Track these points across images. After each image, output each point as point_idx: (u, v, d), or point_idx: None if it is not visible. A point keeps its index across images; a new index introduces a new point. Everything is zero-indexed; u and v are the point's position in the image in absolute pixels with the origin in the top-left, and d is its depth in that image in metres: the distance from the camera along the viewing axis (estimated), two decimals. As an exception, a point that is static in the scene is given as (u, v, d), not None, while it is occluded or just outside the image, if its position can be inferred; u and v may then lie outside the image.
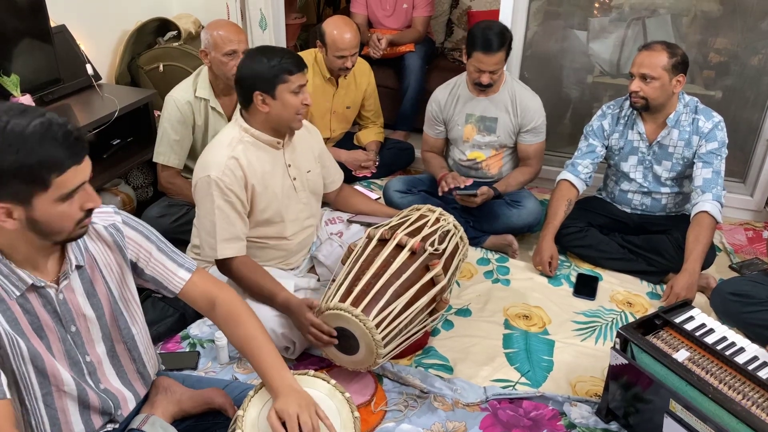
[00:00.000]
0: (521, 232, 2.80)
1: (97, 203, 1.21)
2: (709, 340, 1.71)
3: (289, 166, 2.10)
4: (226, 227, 1.96)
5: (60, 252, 1.27)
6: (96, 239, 1.33)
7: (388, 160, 3.33)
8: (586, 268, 2.64)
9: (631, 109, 2.53)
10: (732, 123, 3.02)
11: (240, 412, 1.38)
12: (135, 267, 1.40)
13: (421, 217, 2.16)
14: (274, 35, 3.33)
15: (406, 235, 2.02)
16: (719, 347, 1.68)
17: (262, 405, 1.41)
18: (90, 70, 2.84)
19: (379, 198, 2.93)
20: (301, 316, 1.89)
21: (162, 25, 3.28)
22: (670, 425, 1.64)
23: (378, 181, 3.27)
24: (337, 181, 2.40)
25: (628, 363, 1.72)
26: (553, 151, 3.26)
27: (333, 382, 1.50)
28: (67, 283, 1.27)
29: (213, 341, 2.15)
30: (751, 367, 1.61)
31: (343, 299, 1.85)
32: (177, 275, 1.43)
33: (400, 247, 1.99)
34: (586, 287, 2.51)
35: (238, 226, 1.99)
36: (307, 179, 2.18)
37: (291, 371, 1.44)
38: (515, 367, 2.11)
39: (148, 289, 1.48)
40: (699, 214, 2.38)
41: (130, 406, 1.42)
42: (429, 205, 2.26)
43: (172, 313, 2.22)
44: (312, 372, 1.52)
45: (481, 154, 2.83)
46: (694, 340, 1.71)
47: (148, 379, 1.47)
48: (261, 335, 1.44)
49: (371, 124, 3.35)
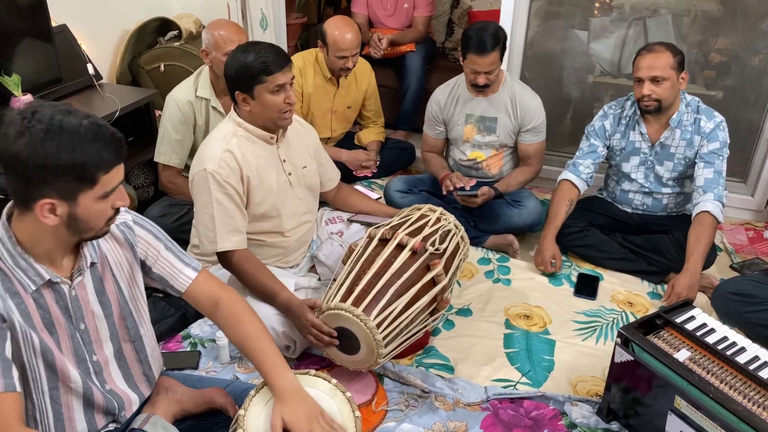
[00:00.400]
0: (522, 232, 2.80)
1: (126, 202, 1.26)
2: (710, 339, 1.71)
3: (284, 161, 2.10)
4: (225, 219, 1.96)
5: (75, 248, 1.29)
6: (108, 238, 1.35)
7: (388, 160, 3.33)
8: (587, 268, 2.64)
9: (633, 109, 2.53)
10: (733, 123, 3.01)
11: (241, 412, 1.38)
12: (143, 265, 1.42)
13: (422, 216, 2.17)
14: (274, 35, 3.33)
15: (407, 234, 2.02)
16: (720, 347, 1.68)
17: (264, 404, 1.41)
18: (91, 70, 2.84)
19: (379, 198, 2.92)
20: (301, 316, 1.89)
21: (163, 25, 3.28)
22: (673, 422, 1.64)
23: (379, 181, 3.27)
24: (334, 179, 2.40)
25: (634, 359, 1.72)
26: (554, 151, 3.26)
27: (334, 381, 1.50)
28: (81, 279, 1.29)
29: (214, 341, 2.15)
30: (752, 367, 1.61)
31: (344, 299, 1.85)
32: (183, 274, 1.45)
33: (401, 246, 1.99)
34: (586, 287, 2.51)
35: (237, 219, 1.99)
36: (303, 175, 2.18)
37: (292, 371, 1.45)
38: (516, 367, 2.12)
39: (150, 288, 1.48)
40: (700, 214, 2.38)
41: (134, 408, 1.43)
42: (430, 205, 2.26)
43: (173, 312, 2.22)
44: (313, 371, 1.52)
45: (482, 154, 2.83)
46: (695, 339, 1.71)
47: (153, 380, 1.48)
48: (263, 335, 1.45)
49: (372, 123, 3.35)
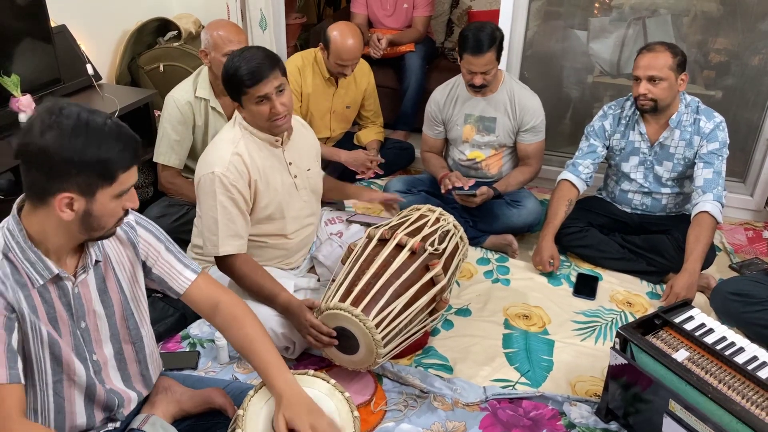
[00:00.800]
0: (521, 232, 2.80)
1: (136, 204, 1.28)
2: (709, 340, 1.71)
3: (290, 164, 2.10)
4: (228, 224, 1.97)
5: (79, 248, 1.30)
6: (111, 237, 1.35)
7: (388, 160, 3.31)
8: (586, 268, 2.64)
9: (633, 109, 2.53)
10: (732, 123, 3.01)
11: (240, 412, 1.38)
12: (144, 266, 1.43)
13: (421, 217, 2.17)
14: (274, 35, 3.33)
15: (406, 235, 2.02)
16: (719, 347, 1.68)
17: (263, 404, 1.42)
18: (90, 70, 2.84)
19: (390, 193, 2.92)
20: (300, 317, 1.90)
21: (162, 25, 3.28)
22: (669, 425, 1.64)
23: (378, 181, 3.27)
24: None
25: (628, 363, 1.73)
26: (553, 151, 3.26)
27: (332, 381, 1.50)
28: (84, 277, 1.30)
29: (213, 341, 2.15)
30: (750, 367, 1.61)
31: (342, 299, 1.85)
32: (183, 276, 1.46)
33: (400, 246, 1.99)
34: (586, 287, 2.51)
35: (239, 224, 1.99)
36: (308, 177, 2.18)
37: (291, 371, 1.45)
38: (515, 367, 2.12)
39: (149, 288, 1.49)
40: (699, 214, 2.38)
41: (132, 405, 1.44)
42: (429, 205, 2.27)
43: (172, 312, 2.22)
44: (312, 372, 1.52)
45: (481, 153, 2.83)
46: (694, 340, 1.71)
47: (150, 381, 1.48)
48: (262, 337, 1.46)
49: (371, 123, 3.35)
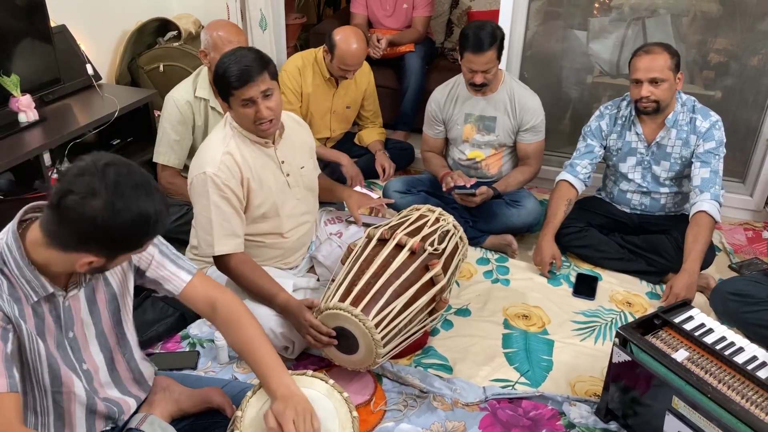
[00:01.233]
0: (521, 232, 2.80)
1: (143, 251, 1.33)
2: (709, 340, 1.71)
3: (282, 162, 2.10)
4: (222, 223, 1.96)
5: None
6: None
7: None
8: (586, 268, 2.64)
9: (629, 109, 2.53)
10: (732, 123, 3.01)
11: (238, 413, 1.38)
12: (137, 270, 1.42)
13: (420, 217, 2.17)
14: (274, 35, 3.33)
15: (405, 234, 2.02)
16: (718, 347, 1.68)
17: (261, 405, 1.42)
18: (90, 70, 2.85)
19: (379, 197, 2.93)
20: (300, 317, 1.89)
21: (162, 25, 3.28)
22: (671, 423, 1.64)
23: (378, 182, 3.27)
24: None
25: (632, 360, 1.72)
26: (553, 151, 3.26)
27: (331, 381, 1.50)
28: (76, 292, 1.29)
29: (213, 341, 2.15)
30: (750, 367, 1.61)
31: (342, 299, 1.85)
32: (177, 277, 1.45)
33: (399, 246, 1.99)
34: (585, 287, 2.51)
35: (234, 223, 1.99)
36: (301, 175, 2.17)
37: (290, 371, 1.45)
38: (514, 367, 2.12)
39: (149, 288, 1.49)
40: (697, 213, 2.38)
41: (133, 409, 1.44)
42: (429, 205, 2.26)
43: (171, 312, 2.22)
44: (310, 372, 1.52)
45: (481, 153, 2.83)
46: (694, 340, 1.71)
47: (146, 384, 1.48)
48: (261, 338, 1.45)
49: (370, 124, 3.35)
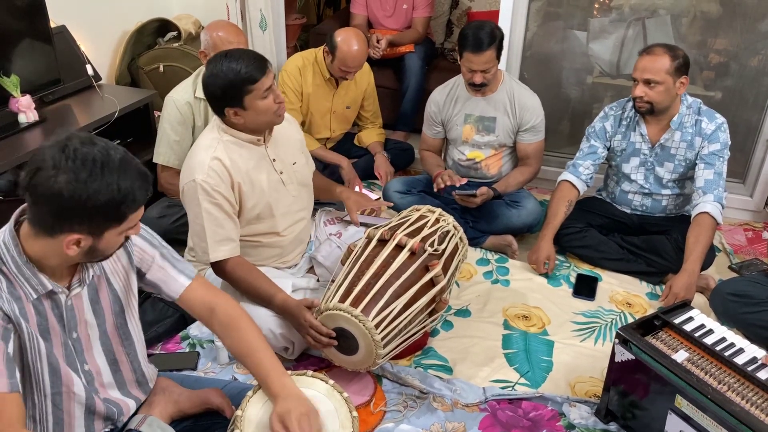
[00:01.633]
0: (521, 233, 2.80)
1: (138, 231, 1.29)
2: (709, 340, 1.71)
3: (274, 160, 2.08)
4: (215, 230, 1.95)
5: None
6: None
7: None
8: (586, 269, 2.64)
9: (634, 110, 2.53)
10: (732, 123, 2.99)
11: (239, 413, 1.38)
12: (138, 272, 1.43)
13: (420, 217, 2.16)
14: (274, 36, 3.33)
15: (405, 235, 2.02)
16: (718, 348, 1.68)
17: (261, 405, 1.42)
18: (90, 71, 2.84)
19: (378, 198, 2.93)
20: (299, 317, 1.89)
21: (162, 26, 3.28)
22: (673, 422, 1.64)
23: (378, 182, 3.27)
24: (310, 165, 2.35)
25: (635, 358, 1.71)
26: (553, 152, 3.26)
27: (331, 382, 1.50)
28: (79, 291, 1.29)
29: (213, 341, 2.15)
30: (750, 368, 1.61)
31: (342, 299, 1.85)
32: (177, 281, 1.46)
33: (399, 247, 1.99)
34: (585, 288, 2.51)
35: (227, 227, 1.98)
36: (294, 171, 2.16)
37: (289, 372, 1.45)
38: (514, 368, 2.12)
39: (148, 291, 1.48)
40: (700, 214, 2.38)
41: (132, 411, 1.44)
42: (429, 206, 2.26)
43: (171, 313, 2.22)
44: (310, 372, 1.52)
45: (480, 153, 2.83)
46: (693, 340, 1.71)
47: (147, 386, 1.48)
48: (259, 341, 1.46)
49: (370, 124, 3.35)
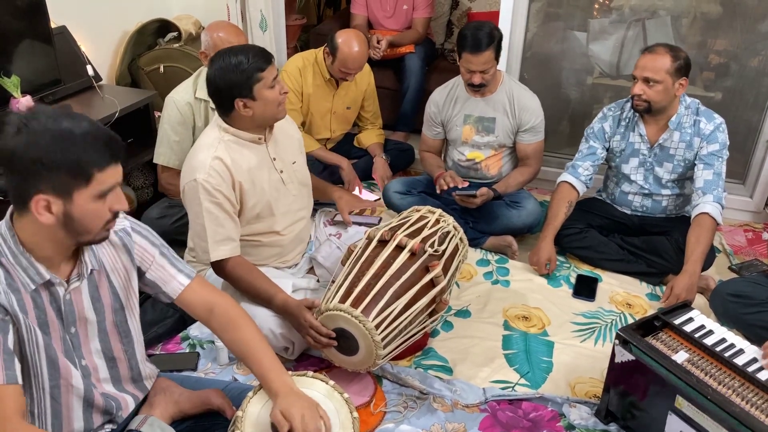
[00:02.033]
0: (521, 233, 2.80)
1: (125, 207, 1.26)
2: (709, 341, 1.71)
3: (274, 159, 2.09)
4: (216, 229, 1.96)
5: (74, 253, 1.30)
6: (106, 244, 1.36)
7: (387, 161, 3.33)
8: (586, 270, 2.64)
9: (632, 111, 2.53)
10: (732, 124, 3.00)
11: (239, 413, 1.39)
12: (138, 270, 1.43)
13: (421, 218, 2.17)
14: (274, 36, 3.34)
15: (405, 236, 2.02)
16: (718, 349, 1.68)
17: (262, 405, 1.42)
18: (90, 71, 2.84)
19: (378, 199, 2.93)
20: (299, 317, 1.90)
21: (162, 26, 3.28)
22: (674, 423, 1.64)
23: (378, 182, 3.27)
24: None
25: (636, 359, 1.71)
26: (553, 152, 3.26)
27: (332, 382, 1.50)
28: (78, 285, 1.29)
29: (213, 342, 2.15)
30: (750, 369, 1.61)
31: (342, 300, 1.85)
32: (176, 280, 1.46)
33: (399, 248, 1.99)
34: (585, 288, 2.51)
35: (228, 227, 1.98)
36: (294, 170, 2.17)
37: (290, 372, 1.45)
38: (515, 368, 2.12)
39: (147, 292, 1.49)
40: (700, 215, 2.38)
41: (131, 408, 1.44)
42: (429, 207, 2.27)
43: (172, 314, 2.22)
44: (311, 373, 1.52)
45: (480, 154, 2.83)
46: (694, 341, 1.71)
47: (143, 385, 1.48)
48: (259, 340, 1.46)
49: (370, 125, 3.35)
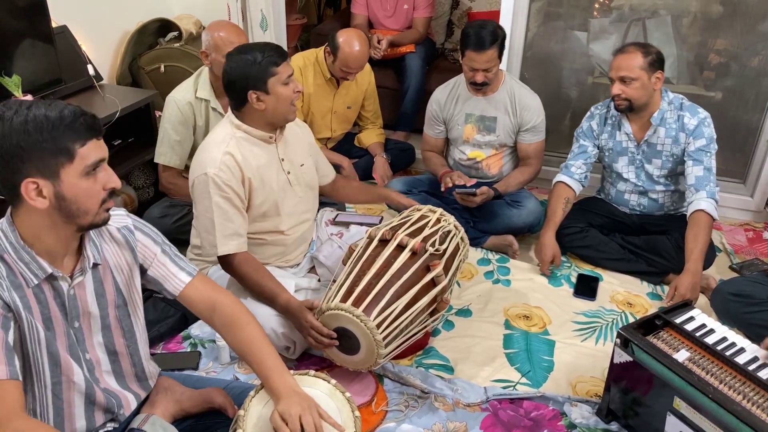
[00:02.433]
0: (522, 233, 2.80)
1: (118, 184, 1.27)
2: (710, 340, 1.71)
3: (283, 160, 2.10)
4: (224, 223, 1.97)
5: (77, 249, 1.30)
6: (109, 240, 1.37)
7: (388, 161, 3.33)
8: (587, 269, 2.65)
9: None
10: (732, 124, 3.02)
11: (241, 412, 1.39)
12: (141, 267, 1.43)
13: (422, 217, 2.17)
14: (274, 36, 3.34)
15: (406, 235, 2.02)
16: (719, 348, 1.68)
17: (263, 405, 1.42)
18: (91, 71, 2.84)
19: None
20: (301, 318, 1.90)
21: (163, 26, 3.28)
22: (673, 423, 1.64)
23: (378, 181, 3.27)
24: (330, 175, 2.41)
25: (633, 360, 1.72)
26: (553, 152, 3.26)
27: (333, 381, 1.50)
28: (81, 279, 1.30)
29: (214, 341, 2.15)
30: (751, 368, 1.61)
31: (344, 299, 1.85)
32: (177, 278, 1.46)
33: (401, 247, 1.99)
34: (586, 288, 2.51)
35: (237, 222, 1.99)
36: (302, 173, 2.18)
37: (291, 371, 1.45)
38: (516, 368, 2.12)
39: (150, 289, 1.49)
40: (695, 213, 2.38)
41: (132, 407, 1.44)
42: (430, 206, 2.27)
43: (173, 313, 2.22)
44: (312, 372, 1.53)
45: (481, 153, 2.84)
46: (695, 340, 1.71)
47: (146, 383, 1.48)
48: (261, 339, 1.46)
49: (370, 125, 3.35)
